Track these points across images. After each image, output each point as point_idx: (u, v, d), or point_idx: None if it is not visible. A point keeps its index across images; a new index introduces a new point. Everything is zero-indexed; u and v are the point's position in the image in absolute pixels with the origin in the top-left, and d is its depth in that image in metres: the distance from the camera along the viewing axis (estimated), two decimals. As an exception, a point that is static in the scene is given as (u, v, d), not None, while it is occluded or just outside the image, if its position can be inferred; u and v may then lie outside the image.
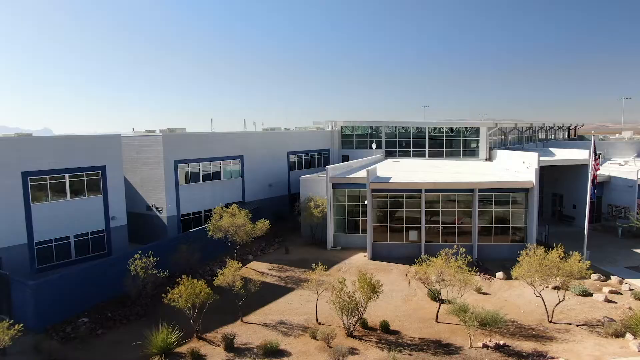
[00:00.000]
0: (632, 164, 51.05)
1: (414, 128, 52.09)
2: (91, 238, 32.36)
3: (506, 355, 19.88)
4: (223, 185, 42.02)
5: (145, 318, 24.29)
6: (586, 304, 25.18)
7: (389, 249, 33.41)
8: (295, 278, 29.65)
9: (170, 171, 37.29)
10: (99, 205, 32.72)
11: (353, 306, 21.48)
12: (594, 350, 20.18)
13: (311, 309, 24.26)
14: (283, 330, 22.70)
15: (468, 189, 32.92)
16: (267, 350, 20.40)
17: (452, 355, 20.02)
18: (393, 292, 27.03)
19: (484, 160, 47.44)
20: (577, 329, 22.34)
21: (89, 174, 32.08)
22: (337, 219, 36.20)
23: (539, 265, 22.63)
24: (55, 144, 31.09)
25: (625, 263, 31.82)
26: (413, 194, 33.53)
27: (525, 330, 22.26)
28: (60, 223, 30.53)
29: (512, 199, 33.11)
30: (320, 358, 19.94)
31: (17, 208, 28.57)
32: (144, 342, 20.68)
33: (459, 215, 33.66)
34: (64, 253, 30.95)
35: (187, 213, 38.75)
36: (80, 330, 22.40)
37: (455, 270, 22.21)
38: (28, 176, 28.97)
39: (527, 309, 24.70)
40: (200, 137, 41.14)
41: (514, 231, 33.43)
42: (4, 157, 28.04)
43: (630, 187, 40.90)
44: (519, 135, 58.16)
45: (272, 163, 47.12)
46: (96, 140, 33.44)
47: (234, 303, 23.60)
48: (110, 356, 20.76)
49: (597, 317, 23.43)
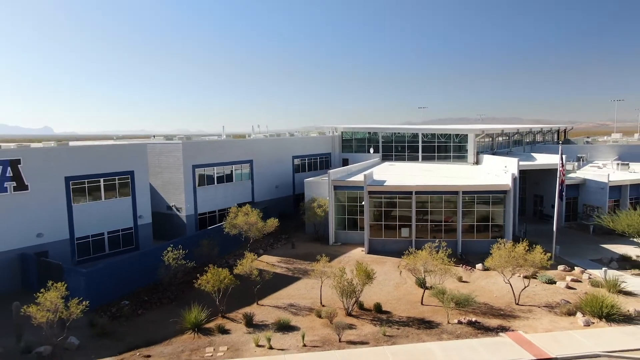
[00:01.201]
0: (609, 167, 55.43)
1: (409, 134, 56.50)
2: (122, 234, 36.82)
3: (476, 329, 24.31)
4: (234, 187, 46.47)
5: (175, 302, 28.71)
6: (549, 290, 29.60)
7: (384, 244, 37.79)
8: (301, 269, 34.08)
9: (189, 174, 41.74)
10: (128, 205, 37.16)
11: (351, 290, 25.91)
12: (548, 325, 24.62)
13: (316, 294, 28.66)
14: (293, 311, 27.11)
15: (453, 191, 37.33)
16: (280, 325, 24.80)
17: (432, 329, 24.45)
18: (386, 280, 31.45)
19: (472, 164, 51.83)
20: (538, 310, 26.77)
21: (120, 178, 36.52)
22: (337, 217, 40.58)
23: (508, 257, 27.08)
24: (92, 152, 35.51)
25: (591, 256, 36.22)
26: (405, 196, 37.93)
27: (495, 311, 26.70)
28: (96, 221, 35.00)
29: (492, 200, 37.52)
30: (324, 331, 24.36)
31: (61, 208, 33.03)
32: (179, 319, 25.14)
33: (446, 214, 38.06)
34: (99, 247, 35.41)
35: (203, 212, 43.20)
36: (124, 311, 26.86)
37: (438, 261, 26.65)
38: (70, 180, 33.42)
39: (499, 294, 29.11)
40: (214, 144, 45.56)
41: (494, 228, 37.81)
42: (50, 164, 32.47)
43: (602, 189, 45.35)
44: (507, 140, 62.51)
45: (278, 166, 51.55)
46: (126, 148, 37.85)
47: (250, 289, 28.04)
48: (151, 331, 25.14)
49: (556, 300, 27.85)
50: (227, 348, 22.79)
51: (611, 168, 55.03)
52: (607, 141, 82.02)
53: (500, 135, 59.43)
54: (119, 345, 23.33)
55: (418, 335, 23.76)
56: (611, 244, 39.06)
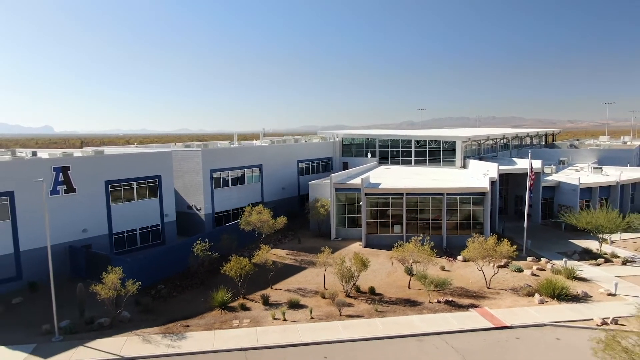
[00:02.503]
0: (585, 171, 60.93)
1: (403, 140, 62.01)
2: (150, 230, 42.35)
3: (451, 306, 29.81)
4: (246, 189, 52.02)
5: (202, 286, 34.22)
6: (517, 277, 35.12)
7: (379, 239, 43.28)
8: (307, 260, 39.60)
9: (207, 178, 47.28)
10: (156, 205, 42.68)
11: (349, 275, 31.42)
12: (510, 303, 30.14)
13: (320, 280, 34.18)
14: (301, 293, 32.61)
15: (438, 193, 42.83)
16: (291, 304, 30.29)
17: (415, 306, 29.96)
18: (380, 269, 36.96)
19: (459, 167, 57.32)
20: (504, 292, 32.28)
21: (149, 181, 42.04)
22: (338, 216, 46.08)
23: (480, 249, 32.61)
24: (127, 159, 41.01)
25: (558, 250, 41.74)
26: (397, 197, 43.45)
27: (468, 293, 32.21)
28: (129, 219, 40.53)
29: (472, 200, 43.03)
30: (327, 308, 29.87)
31: (101, 207, 38.56)
32: (208, 299, 30.66)
33: (434, 213, 43.55)
34: (132, 241, 40.94)
35: (219, 211, 48.77)
36: (161, 292, 32.39)
37: (423, 253, 32.14)
38: (109, 184, 38.95)
39: (474, 279, 34.61)
40: (229, 151, 51.11)
41: (475, 225, 43.30)
42: (93, 170, 37.99)
43: (573, 191, 50.87)
44: (493, 145, 67.97)
45: (284, 170, 57.09)
46: (154, 156, 43.33)
47: (265, 276, 33.58)
48: (185, 308, 30.61)
49: (521, 284, 33.36)
50: (250, 320, 28.30)
51: (586, 171, 60.56)
52: (590, 145, 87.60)
53: (486, 140, 64.88)
54: (161, 319, 28.82)
55: (403, 311, 29.29)
56: (578, 239, 44.59)
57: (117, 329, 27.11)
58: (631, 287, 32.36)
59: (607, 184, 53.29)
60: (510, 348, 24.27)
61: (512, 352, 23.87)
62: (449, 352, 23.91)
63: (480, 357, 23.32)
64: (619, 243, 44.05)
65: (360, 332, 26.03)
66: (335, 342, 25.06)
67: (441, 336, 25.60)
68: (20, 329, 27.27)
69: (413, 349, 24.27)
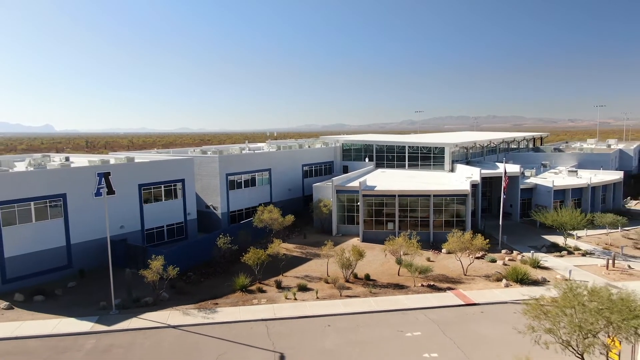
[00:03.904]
0: (563, 174, 67.19)
1: (398, 146, 68.27)
2: (175, 227, 48.64)
3: (432, 289, 36.09)
4: (257, 190, 58.33)
5: (224, 274, 40.49)
6: (490, 266, 41.41)
7: (374, 235, 49.54)
8: (312, 252, 45.89)
9: (223, 181, 53.59)
10: (180, 205, 48.97)
11: (348, 264, 37.69)
12: (481, 286, 36.44)
13: (324, 269, 40.44)
14: (308, 279, 38.87)
15: (426, 194, 49.10)
16: (300, 287, 36.56)
17: (403, 289, 36.24)
18: (374, 260, 43.23)
19: (448, 171, 63.58)
20: (478, 278, 38.56)
21: (174, 184, 48.33)
22: (339, 214, 52.34)
23: (458, 242, 38.88)
24: (156, 166, 47.27)
25: (530, 244, 48.04)
26: (390, 198, 49.70)
27: (448, 279, 38.48)
28: (158, 217, 46.82)
29: (456, 201, 49.30)
30: (330, 291, 36.13)
31: (135, 207, 44.84)
32: (230, 284, 36.94)
33: (422, 212, 49.78)
34: (160, 236, 47.24)
35: (234, 210, 55.08)
36: (191, 279, 38.70)
37: (411, 246, 38.41)
38: (141, 187, 45.23)
39: (454, 268, 40.87)
40: (242, 157, 57.46)
41: (458, 223, 49.55)
42: (128, 175, 44.24)
43: (548, 192, 57.15)
44: (481, 150, 74.24)
45: (290, 173, 63.38)
46: (179, 162, 49.59)
47: (277, 265, 39.87)
48: (212, 291, 36.83)
49: (492, 272, 39.64)
50: (266, 300, 34.59)
51: (565, 174, 66.83)
52: (574, 149, 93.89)
53: (473, 146, 71.15)
54: (193, 299, 35.08)
55: (393, 292, 35.60)
56: (549, 235, 50.87)
57: (159, 306, 33.41)
58: (584, 274, 38.64)
59: (579, 186, 59.59)
60: (475, 319, 30.58)
61: (475, 322, 30.15)
62: (426, 321, 30.21)
63: (450, 326, 29.58)
64: (584, 238, 50.34)
65: (356, 308, 32.35)
66: (336, 315, 31.37)
67: (421, 310, 31.90)
68: (81, 306, 33.58)
69: (398, 319, 30.56)
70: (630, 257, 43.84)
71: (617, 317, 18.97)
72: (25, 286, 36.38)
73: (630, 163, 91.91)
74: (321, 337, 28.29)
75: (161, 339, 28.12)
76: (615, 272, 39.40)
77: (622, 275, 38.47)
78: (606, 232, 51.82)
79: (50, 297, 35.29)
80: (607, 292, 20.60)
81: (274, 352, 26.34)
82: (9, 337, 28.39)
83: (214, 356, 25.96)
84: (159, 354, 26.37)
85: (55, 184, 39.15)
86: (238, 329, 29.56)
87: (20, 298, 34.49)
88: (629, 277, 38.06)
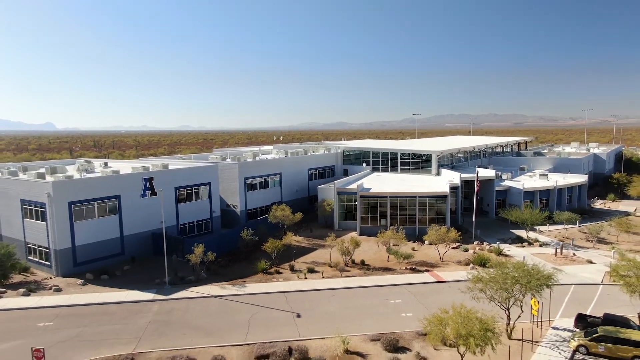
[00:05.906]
0: (535, 177, 76.62)
1: (392, 152, 77.81)
2: (203, 223, 58.26)
3: (413, 271, 45.66)
4: (269, 191, 67.93)
5: (247, 260, 50.09)
6: (463, 254, 50.96)
7: (370, 229, 59.04)
8: (318, 244, 55.51)
9: (242, 183, 63.21)
10: (207, 204, 58.56)
11: (347, 252, 47.29)
12: (452, 269, 46.02)
13: (327, 257, 50.02)
14: (315, 264, 48.43)
15: (413, 195, 58.64)
16: (309, 270, 46.12)
17: (390, 271, 45.80)
18: (369, 249, 52.82)
19: (434, 175, 73.09)
20: (451, 263, 48.12)
21: (202, 187, 57.91)
22: (340, 212, 61.87)
23: (436, 234, 48.47)
24: (188, 171, 56.85)
25: (499, 237, 57.59)
26: (383, 198, 59.25)
27: (427, 264, 48.05)
28: (189, 214, 56.43)
29: (437, 201, 58.85)
30: (333, 272, 45.69)
31: (172, 206, 54.44)
32: (253, 267, 46.56)
33: (410, 210, 59.28)
34: (191, 230, 56.86)
35: (250, 209, 64.72)
36: (221, 263, 48.32)
37: (397, 237, 48.01)
38: (177, 189, 54.84)
39: (433, 256, 50.44)
40: (257, 162, 67.12)
41: (439, 219, 59.04)
42: (166, 179, 53.81)
43: (519, 193, 66.63)
44: (466, 155, 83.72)
45: (298, 176, 72.96)
46: (206, 168, 59.16)
47: (289, 253, 49.48)
48: (239, 273, 46.33)
49: (463, 259, 49.18)
50: (283, 279, 44.17)
51: (538, 177, 76.28)
52: (552, 153, 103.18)
53: (458, 152, 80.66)
54: (225, 278, 44.64)
55: (382, 274, 45.21)
56: (517, 230, 60.38)
57: (200, 283, 43.02)
58: (536, 260, 47.71)
59: (547, 188, 69.10)
60: (442, 291, 40.19)
61: (442, 293, 39.72)
62: (406, 293, 39.81)
63: (424, 295, 39.15)
64: (546, 233, 59.88)
65: (353, 284, 41.95)
66: (338, 288, 40.98)
67: (404, 286, 41.51)
68: (140, 282, 43.19)
69: (385, 291, 40.16)
70: (579, 247, 53.40)
71: (525, 280, 28.64)
72: (91, 269, 46.00)
73: (604, 166, 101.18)
74: (326, 303, 37.91)
75: (208, 304, 37.77)
76: (561, 258, 48.96)
77: (566, 261, 48.02)
78: (564, 227, 61.36)
79: (112, 277, 44.98)
80: (523, 266, 30.26)
81: (292, 313, 35.96)
82: (93, 303, 38.05)
83: (249, 315, 35.58)
84: (209, 314, 35.98)
85: (112, 187, 48.74)
86: (263, 298, 39.20)
87: (90, 277, 44.17)
88: (572, 263, 47.62)
